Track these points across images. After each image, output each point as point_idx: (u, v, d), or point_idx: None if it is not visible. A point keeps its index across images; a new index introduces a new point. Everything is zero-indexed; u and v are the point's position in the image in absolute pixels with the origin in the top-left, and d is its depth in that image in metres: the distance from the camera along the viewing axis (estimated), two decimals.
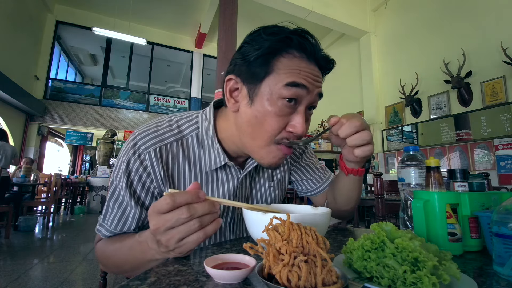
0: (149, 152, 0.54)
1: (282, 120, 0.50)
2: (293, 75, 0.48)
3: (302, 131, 0.50)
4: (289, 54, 0.49)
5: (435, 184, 0.54)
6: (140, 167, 0.54)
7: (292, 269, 0.30)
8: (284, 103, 0.49)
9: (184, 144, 0.58)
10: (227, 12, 4.03)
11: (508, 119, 3.64)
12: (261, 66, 0.49)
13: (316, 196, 0.78)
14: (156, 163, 0.54)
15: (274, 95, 0.49)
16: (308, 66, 0.50)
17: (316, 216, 0.48)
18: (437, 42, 4.59)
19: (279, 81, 0.48)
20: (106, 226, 0.55)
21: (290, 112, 0.50)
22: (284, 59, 0.49)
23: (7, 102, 5.30)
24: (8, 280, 2.11)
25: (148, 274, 0.38)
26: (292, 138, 0.51)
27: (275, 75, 0.49)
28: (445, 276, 0.30)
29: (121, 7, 6.53)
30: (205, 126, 0.59)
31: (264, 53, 0.49)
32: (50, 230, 4.27)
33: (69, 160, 10.98)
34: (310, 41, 0.51)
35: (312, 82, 0.50)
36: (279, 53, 0.49)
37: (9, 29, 5.17)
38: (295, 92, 0.48)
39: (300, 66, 0.49)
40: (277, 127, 0.50)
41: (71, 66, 9.25)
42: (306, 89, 0.49)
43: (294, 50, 0.50)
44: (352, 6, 5.72)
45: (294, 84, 0.48)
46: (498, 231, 0.41)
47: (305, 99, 0.50)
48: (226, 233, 0.64)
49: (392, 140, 5.29)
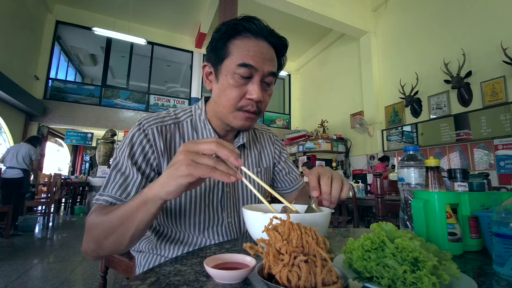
0: (151, 128, 0.64)
1: (239, 90, 0.60)
2: (243, 56, 0.58)
3: (257, 96, 0.60)
4: (240, 36, 0.60)
5: (435, 184, 0.54)
6: (144, 139, 0.62)
7: (292, 269, 0.30)
8: (239, 77, 0.59)
9: (180, 128, 0.69)
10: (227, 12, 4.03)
11: (508, 119, 3.64)
12: (221, 49, 0.61)
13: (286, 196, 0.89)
14: (158, 137, 0.63)
15: (230, 72, 0.60)
16: (256, 44, 0.60)
17: (316, 216, 0.48)
18: (437, 42, 4.59)
19: (233, 61, 0.59)
20: (107, 193, 0.57)
21: (245, 83, 0.60)
22: (237, 41, 0.60)
23: (7, 102, 5.29)
24: (8, 280, 2.11)
25: (148, 274, 0.38)
26: (251, 105, 0.61)
27: (231, 56, 0.60)
28: (445, 276, 0.30)
29: (121, 7, 6.52)
30: (198, 113, 0.71)
31: (221, 37, 0.61)
32: (50, 230, 4.27)
33: (69, 160, 10.97)
34: (255, 23, 0.60)
35: (260, 60, 0.59)
36: (232, 36, 0.60)
37: (9, 29, 5.16)
38: (245, 71, 0.59)
39: (249, 46, 0.59)
40: (236, 95, 0.60)
41: (71, 66, 9.24)
42: (253, 68, 0.59)
43: (243, 32, 0.60)
44: (352, 6, 5.72)
45: (243, 64, 0.58)
46: (498, 231, 0.41)
47: (256, 75, 0.60)
48: (218, 210, 0.69)
49: (392, 140, 5.29)
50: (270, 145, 0.85)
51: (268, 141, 0.85)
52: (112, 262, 1.35)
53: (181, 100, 8.02)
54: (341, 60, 6.82)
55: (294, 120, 8.77)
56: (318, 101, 7.63)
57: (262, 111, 0.65)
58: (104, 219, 0.52)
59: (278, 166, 0.86)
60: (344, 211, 2.84)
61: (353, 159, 6.21)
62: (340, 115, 6.60)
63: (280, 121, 8.66)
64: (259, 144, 0.82)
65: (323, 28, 6.41)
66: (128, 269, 1.23)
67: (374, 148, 5.59)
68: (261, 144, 0.83)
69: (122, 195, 0.57)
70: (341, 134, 6.37)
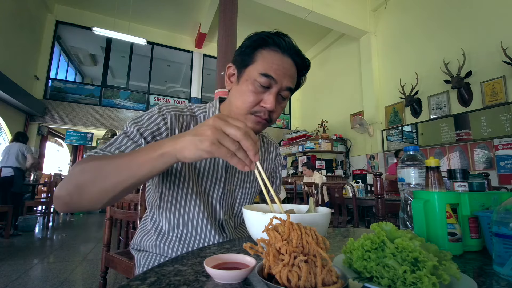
0: (170, 114, 0.66)
1: (256, 96, 0.63)
2: (266, 67, 0.62)
3: (271, 106, 0.63)
4: (268, 48, 0.64)
5: (435, 184, 0.54)
6: (161, 121, 0.64)
7: (292, 269, 0.30)
8: (258, 85, 0.63)
9: (195, 121, 0.71)
10: (227, 12, 4.03)
11: (508, 119, 3.64)
12: (248, 55, 0.65)
13: None
14: (175, 123, 0.66)
15: (251, 78, 0.63)
16: (281, 59, 0.63)
17: (316, 216, 0.48)
18: (437, 42, 4.59)
19: (256, 69, 0.63)
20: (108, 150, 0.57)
21: (263, 91, 0.63)
22: (264, 51, 0.64)
23: (7, 102, 5.29)
24: (8, 280, 2.11)
25: (148, 274, 0.38)
26: (264, 112, 0.64)
27: (256, 64, 0.63)
28: (445, 276, 0.30)
29: (121, 7, 6.52)
30: (212, 110, 0.74)
31: (251, 45, 0.65)
32: (50, 230, 4.27)
33: (69, 160, 10.97)
34: (285, 40, 0.65)
35: (281, 74, 0.62)
36: (261, 46, 0.64)
37: (9, 29, 5.16)
38: (265, 81, 0.62)
39: (274, 59, 0.63)
40: (252, 101, 0.63)
41: (71, 66, 9.23)
42: (274, 80, 0.62)
43: (271, 45, 0.64)
44: (352, 6, 5.72)
45: (265, 74, 0.62)
46: (498, 231, 0.41)
47: (275, 86, 0.63)
48: (216, 207, 0.72)
49: (392, 140, 5.29)
50: (273, 155, 0.90)
51: (272, 151, 0.89)
52: (112, 262, 1.35)
53: (181, 100, 8.02)
54: (341, 60, 6.82)
55: (294, 120, 8.77)
56: (318, 101, 7.63)
57: (273, 120, 0.68)
58: (99, 164, 0.49)
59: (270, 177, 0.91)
60: (344, 211, 2.84)
61: (353, 159, 6.21)
62: (340, 115, 6.60)
63: (280, 121, 8.66)
64: (264, 150, 0.86)
65: (323, 28, 6.40)
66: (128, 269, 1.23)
67: (374, 148, 5.59)
68: (266, 151, 0.87)
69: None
70: (341, 134, 6.37)
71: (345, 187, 3.18)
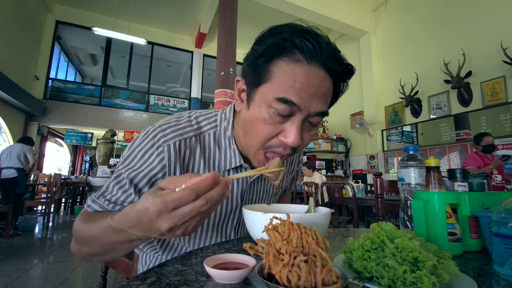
0: (168, 145, 0.52)
1: (272, 128, 0.47)
2: (285, 88, 0.44)
3: (293, 141, 0.46)
4: (288, 56, 0.44)
5: (435, 184, 0.54)
6: (156, 158, 0.52)
7: (292, 269, 0.30)
8: (275, 113, 0.46)
9: (201, 141, 0.57)
10: (227, 12, 4.03)
11: (508, 119, 3.64)
12: (260, 69, 0.46)
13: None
14: (174, 157, 0.53)
15: (265, 103, 0.46)
16: (307, 72, 0.44)
17: (316, 216, 0.48)
18: (437, 42, 4.59)
19: (272, 90, 0.45)
20: (99, 203, 0.52)
21: (282, 121, 0.47)
22: (283, 63, 0.44)
23: (7, 102, 5.29)
24: (8, 280, 2.11)
25: (148, 274, 0.38)
26: (283, 147, 0.49)
27: (271, 82, 0.45)
28: (444, 274, 0.30)
29: (121, 7, 6.52)
30: (223, 126, 0.59)
31: (264, 54, 0.45)
32: (50, 230, 4.27)
33: (69, 160, 10.97)
34: (310, 40, 0.43)
35: (307, 96, 0.44)
36: (277, 55, 0.45)
37: (9, 29, 5.17)
38: (285, 109, 0.44)
39: (296, 73, 0.43)
40: (267, 134, 0.48)
41: (71, 66, 9.24)
42: (296, 106, 0.44)
43: (292, 53, 0.44)
44: (352, 6, 5.72)
45: (284, 100, 0.44)
46: (498, 231, 0.41)
47: (299, 114, 0.46)
48: (231, 236, 0.65)
49: (392, 140, 5.29)
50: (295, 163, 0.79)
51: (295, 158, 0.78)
52: (112, 262, 1.35)
53: (181, 100, 8.02)
54: None
55: None
56: None
57: (296, 152, 0.52)
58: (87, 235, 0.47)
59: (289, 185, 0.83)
60: (344, 211, 2.84)
61: (353, 159, 6.21)
62: (340, 115, 6.60)
63: None
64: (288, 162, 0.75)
65: (323, 28, 6.39)
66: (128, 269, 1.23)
67: (374, 148, 5.59)
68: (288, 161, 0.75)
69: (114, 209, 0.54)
70: (341, 134, 6.37)
71: (345, 187, 3.18)
